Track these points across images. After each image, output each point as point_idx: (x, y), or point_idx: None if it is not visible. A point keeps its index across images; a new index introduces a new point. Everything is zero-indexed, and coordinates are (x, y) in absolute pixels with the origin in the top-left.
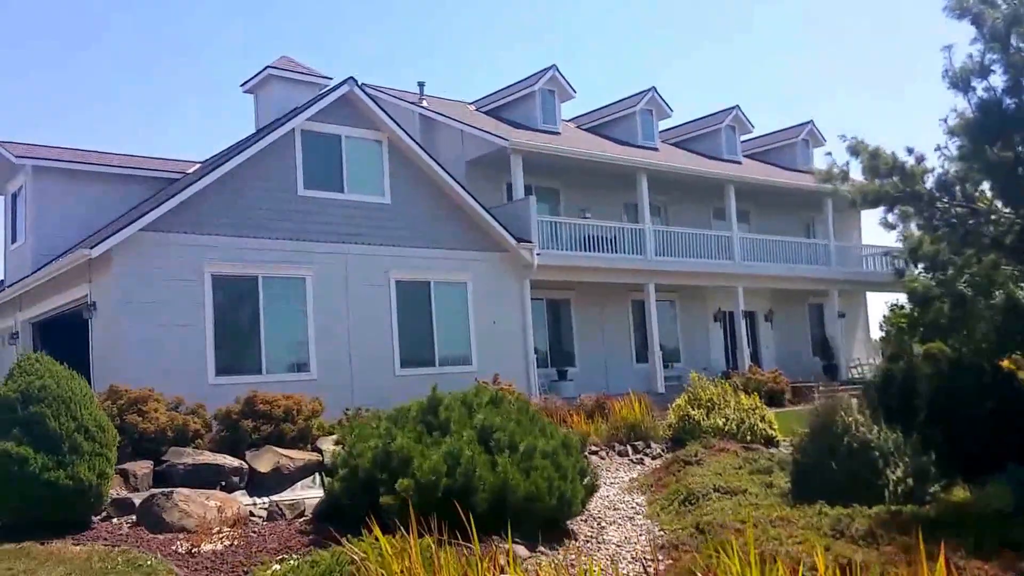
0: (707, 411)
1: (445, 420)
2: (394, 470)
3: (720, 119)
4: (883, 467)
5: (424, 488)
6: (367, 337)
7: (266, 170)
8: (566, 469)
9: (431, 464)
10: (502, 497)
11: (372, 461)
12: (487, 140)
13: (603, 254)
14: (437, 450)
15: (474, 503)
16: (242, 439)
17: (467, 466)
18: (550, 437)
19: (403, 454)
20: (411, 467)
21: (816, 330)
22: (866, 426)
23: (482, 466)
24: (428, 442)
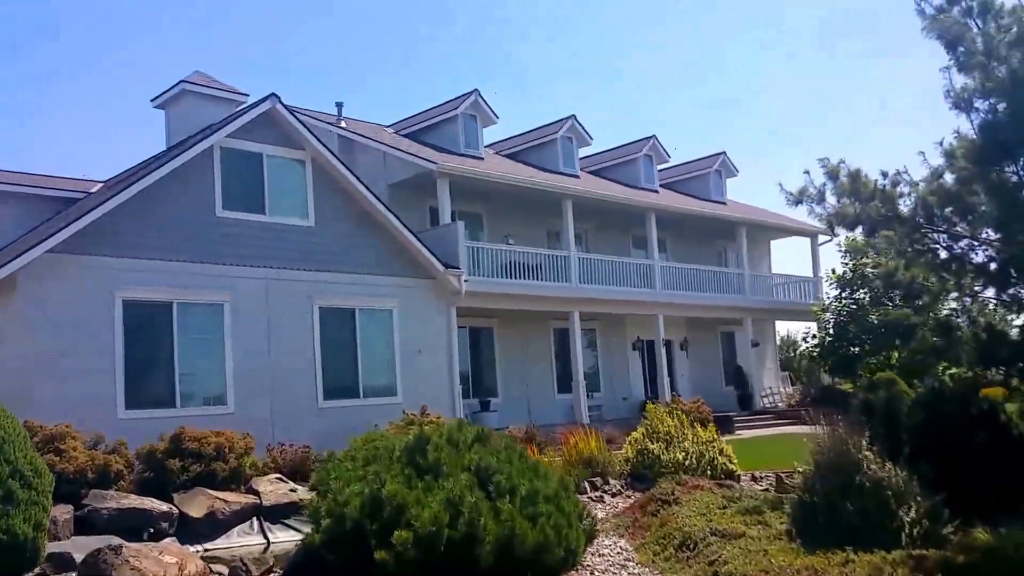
0: (666, 444)
1: (435, 461)
2: (387, 520)
3: (638, 148)
4: (896, 507)
5: (424, 541)
6: (289, 367)
7: (182, 189)
8: (570, 514)
9: (431, 513)
10: (508, 548)
11: (360, 509)
12: (412, 163)
13: (529, 281)
14: (434, 496)
15: (478, 556)
16: (169, 480)
17: (471, 514)
18: (544, 477)
19: (397, 501)
20: (406, 516)
21: (728, 359)
22: (877, 463)
23: (486, 514)
24: (420, 486)
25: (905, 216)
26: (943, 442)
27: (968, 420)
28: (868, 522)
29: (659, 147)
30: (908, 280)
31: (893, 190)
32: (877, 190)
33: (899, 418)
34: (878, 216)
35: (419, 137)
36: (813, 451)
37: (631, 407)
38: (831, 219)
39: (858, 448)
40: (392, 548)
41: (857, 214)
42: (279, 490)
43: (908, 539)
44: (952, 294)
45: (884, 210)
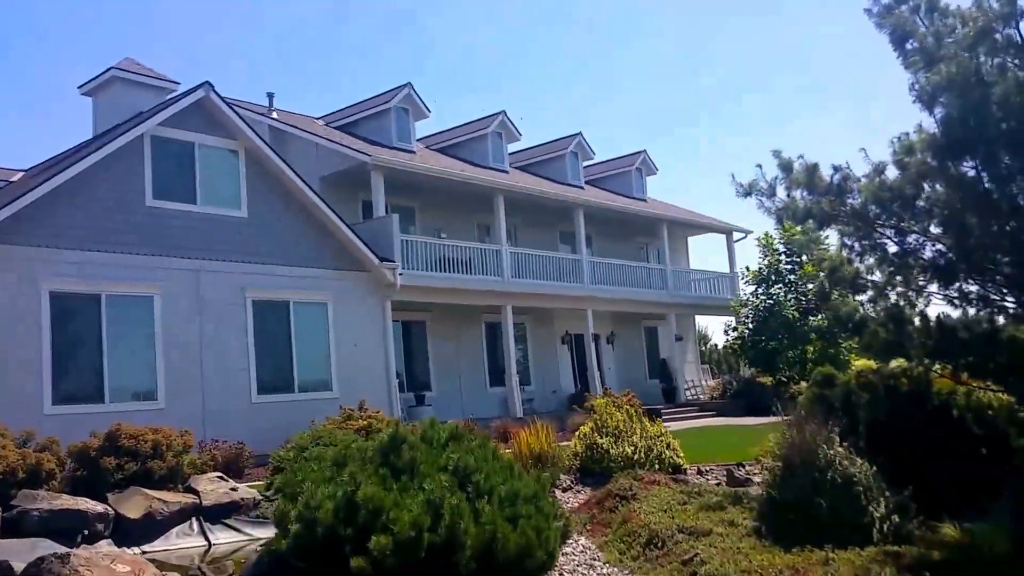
0: (614, 438)
1: (411, 460)
2: (363, 524)
3: (565, 144)
4: (866, 504)
5: (404, 546)
6: (221, 361)
7: (112, 178)
8: (549, 515)
9: (412, 516)
10: (490, 553)
11: (334, 513)
12: (346, 155)
13: (462, 275)
14: (412, 498)
15: (459, 561)
16: (103, 479)
17: (452, 518)
18: (519, 476)
19: (374, 504)
20: (382, 520)
21: (652, 353)
22: (849, 460)
23: (467, 517)
24: (396, 488)
25: (858, 210)
26: (901, 436)
27: (925, 415)
28: (839, 519)
29: (584, 144)
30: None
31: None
32: (832, 184)
33: (857, 413)
34: (831, 210)
35: (351, 130)
36: (779, 446)
37: (560, 400)
38: (780, 213)
39: (829, 444)
40: (369, 554)
41: (808, 208)
42: (219, 489)
43: (879, 535)
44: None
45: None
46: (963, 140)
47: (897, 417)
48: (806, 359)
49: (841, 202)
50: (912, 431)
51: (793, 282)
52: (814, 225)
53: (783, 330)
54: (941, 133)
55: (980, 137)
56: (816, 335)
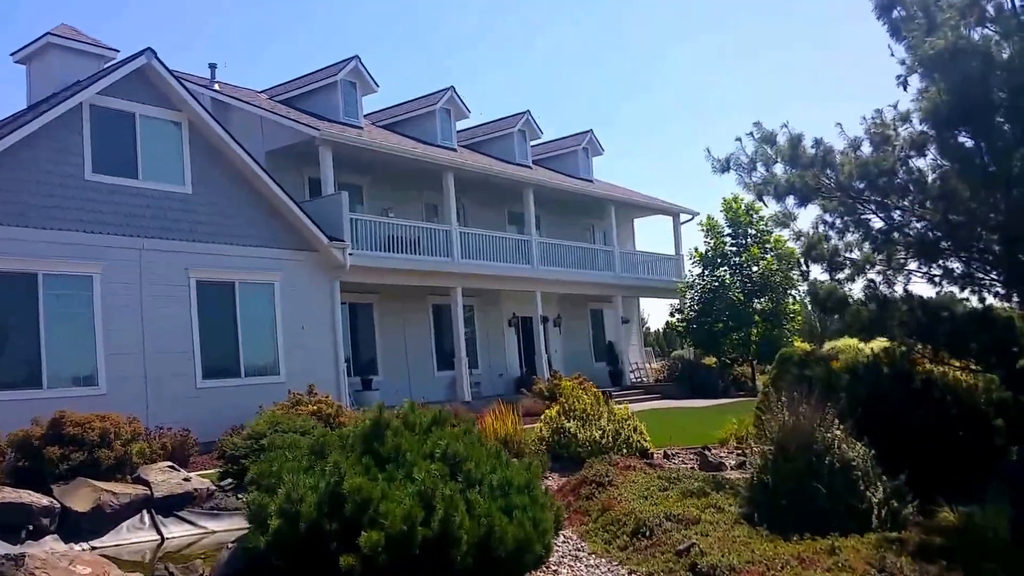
0: (582, 422)
1: (395, 448)
2: (349, 518)
3: (512, 123)
4: (864, 489)
5: (396, 542)
6: (165, 345)
7: (49, 150)
8: (544, 505)
9: (404, 510)
10: (487, 547)
11: (318, 507)
12: (293, 129)
13: (412, 256)
14: (402, 490)
15: (454, 558)
16: (47, 470)
17: (446, 510)
18: (507, 464)
19: (361, 496)
20: (370, 513)
21: (598, 336)
22: (847, 443)
23: (461, 510)
24: (381, 478)
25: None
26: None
27: (908, 395)
28: (836, 505)
29: (532, 123)
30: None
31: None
32: (817, 157)
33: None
34: (815, 185)
35: (295, 104)
36: (771, 429)
37: (507, 383)
38: (760, 188)
39: (826, 427)
40: (359, 551)
41: (790, 182)
42: (171, 480)
43: (878, 521)
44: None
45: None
46: (964, 109)
47: (879, 398)
48: (750, 341)
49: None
50: (895, 412)
51: (738, 264)
52: (795, 201)
53: (728, 312)
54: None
55: (981, 107)
56: (760, 318)
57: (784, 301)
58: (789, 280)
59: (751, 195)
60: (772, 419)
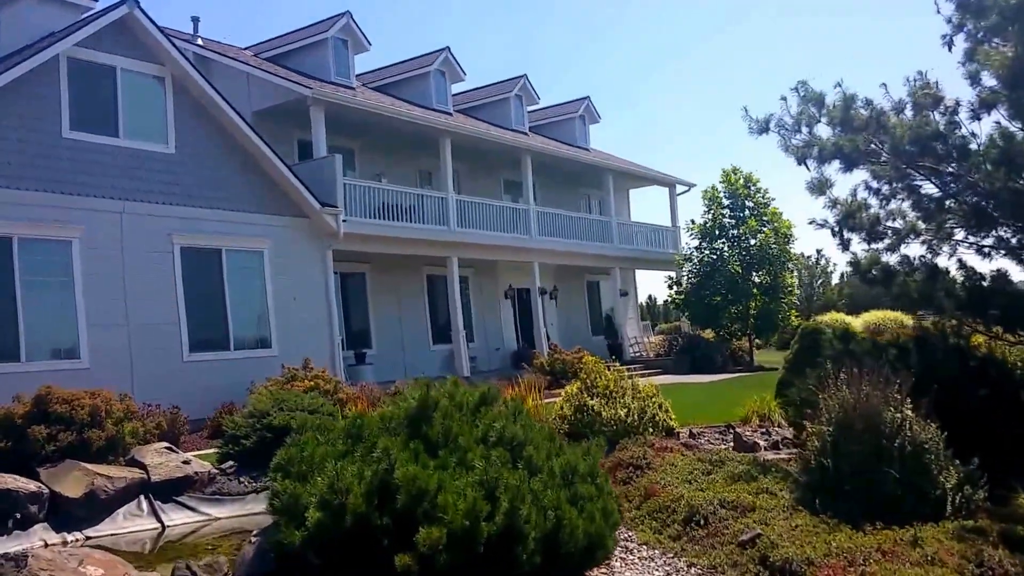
0: (605, 400)
1: (445, 431)
2: (401, 512)
3: (509, 87)
4: (937, 473)
5: (459, 539)
6: (149, 315)
7: (23, 105)
8: (610, 495)
9: (467, 502)
10: (555, 542)
11: (366, 498)
12: (283, 88)
13: (408, 224)
14: (461, 479)
15: (519, 556)
16: (32, 452)
17: (512, 502)
18: (561, 448)
19: (416, 487)
20: (425, 506)
21: (594, 308)
22: (919, 424)
23: (528, 501)
24: (433, 465)
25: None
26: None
27: (965, 372)
28: (907, 491)
29: (529, 88)
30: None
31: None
32: (871, 119)
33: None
34: (865, 148)
35: (282, 62)
36: (830, 409)
37: (504, 358)
38: (804, 151)
39: (897, 406)
40: (414, 550)
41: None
42: (169, 463)
43: (952, 508)
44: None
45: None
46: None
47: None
48: (748, 315)
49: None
50: (952, 391)
51: (736, 237)
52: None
53: (726, 285)
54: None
55: None
56: (758, 291)
57: (782, 274)
58: (786, 253)
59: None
60: (830, 398)
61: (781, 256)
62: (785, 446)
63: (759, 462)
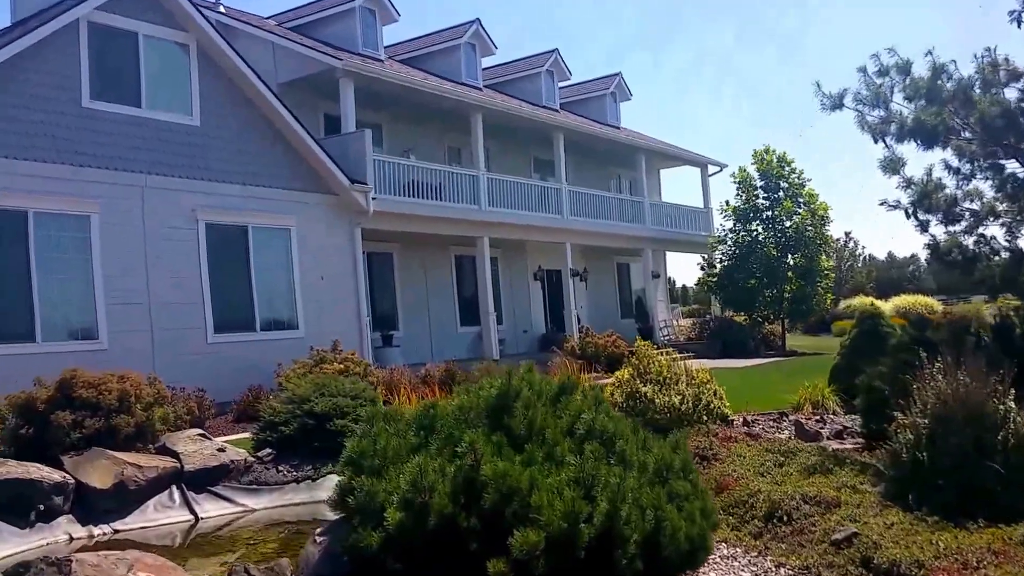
0: (659, 386)
1: (529, 423)
2: (490, 512)
3: (540, 62)
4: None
5: (557, 543)
6: (172, 294)
7: (40, 72)
8: (705, 492)
9: (566, 503)
10: (655, 545)
11: (452, 497)
12: (310, 59)
13: (438, 202)
14: (553, 476)
15: (618, 560)
16: (56, 439)
17: (611, 503)
18: (645, 441)
19: (507, 485)
20: (514, 507)
21: (623, 290)
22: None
23: (629, 501)
24: (519, 460)
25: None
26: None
27: None
28: (1010, 486)
29: (561, 63)
30: (947, 201)
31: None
32: (958, 92)
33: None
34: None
35: (307, 32)
36: (925, 399)
37: (532, 341)
38: (882, 128)
39: (999, 398)
40: (507, 555)
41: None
42: (203, 450)
43: None
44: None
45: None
46: None
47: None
48: (783, 298)
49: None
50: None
51: (771, 219)
52: (921, 144)
53: (762, 268)
54: None
55: None
56: (793, 274)
57: (818, 257)
58: (822, 235)
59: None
60: (924, 388)
61: (817, 238)
62: (849, 436)
63: (830, 453)
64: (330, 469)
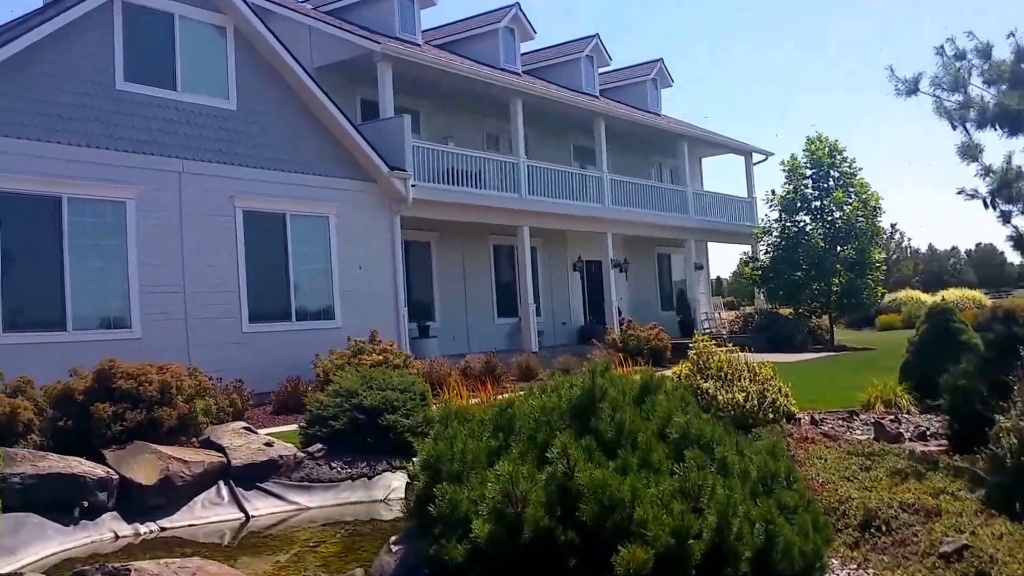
0: (720, 382)
1: (618, 426)
2: (590, 524)
3: (579, 47)
4: None
5: (665, 561)
6: (207, 283)
7: (74, 54)
8: (812, 502)
9: (675, 517)
10: (767, 562)
11: (547, 508)
12: (348, 43)
13: (478, 190)
14: (655, 485)
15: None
16: (95, 432)
17: (722, 516)
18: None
19: (608, 495)
20: (615, 519)
21: (664, 282)
22: None
23: (741, 514)
24: (612, 467)
25: None
26: None
27: None
28: None
29: (602, 48)
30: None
31: None
32: None
33: None
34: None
35: (343, 15)
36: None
37: (570, 333)
38: (961, 113)
39: None
40: (611, 572)
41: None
42: (250, 444)
43: None
44: None
45: None
46: None
47: None
48: (831, 292)
49: None
50: None
51: (820, 209)
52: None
53: (809, 261)
54: None
55: None
56: (842, 267)
57: (869, 249)
58: (874, 227)
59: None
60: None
61: (869, 230)
62: (933, 437)
63: (918, 456)
64: (385, 466)
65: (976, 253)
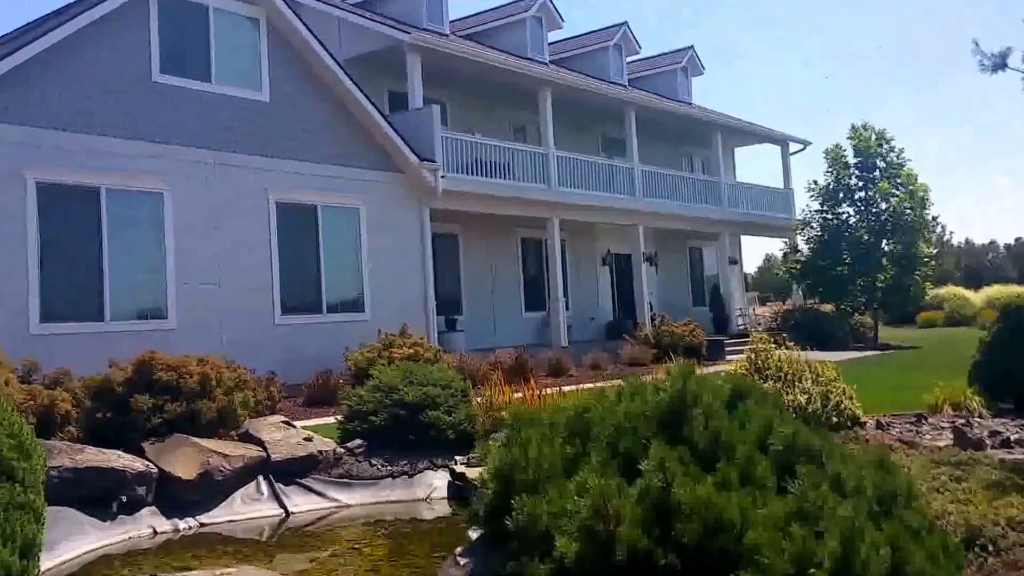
0: (780, 383)
1: (713, 435)
2: (691, 546)
3: (608, 36)
4: None
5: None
6: (240, 275)
7: (111, 46)
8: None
9: (795, 544)
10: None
11: (643, 527)
12: (377, 34)
13: (509, 181)
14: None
15: None
16: (134, 424)
17: (846, 541)
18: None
19: (713, 515)
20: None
21: (696, 276)
22: None
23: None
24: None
25: None
26: None
27: None
28: None
29: (631, 36)
30: None
31: None
32: None
33: None
34: None
35: (370, 7)
36: None
37: (598, 329)
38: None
39: None
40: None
41: None
42: (290, 439)
43: None
44: None
45: None
46: None
47: None
48: (875, 288)
49: None
50: None
51: (864, 200)
52: None
53: (853, 254)
54: None
55: None
56: (888, 262)
57: (917, 243)
58: (922, 220)
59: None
60: None
61: (916, 223)
62: (1018, 444)
63: (1010, 466)
64: (426, 464)
65: (1016, 247)
